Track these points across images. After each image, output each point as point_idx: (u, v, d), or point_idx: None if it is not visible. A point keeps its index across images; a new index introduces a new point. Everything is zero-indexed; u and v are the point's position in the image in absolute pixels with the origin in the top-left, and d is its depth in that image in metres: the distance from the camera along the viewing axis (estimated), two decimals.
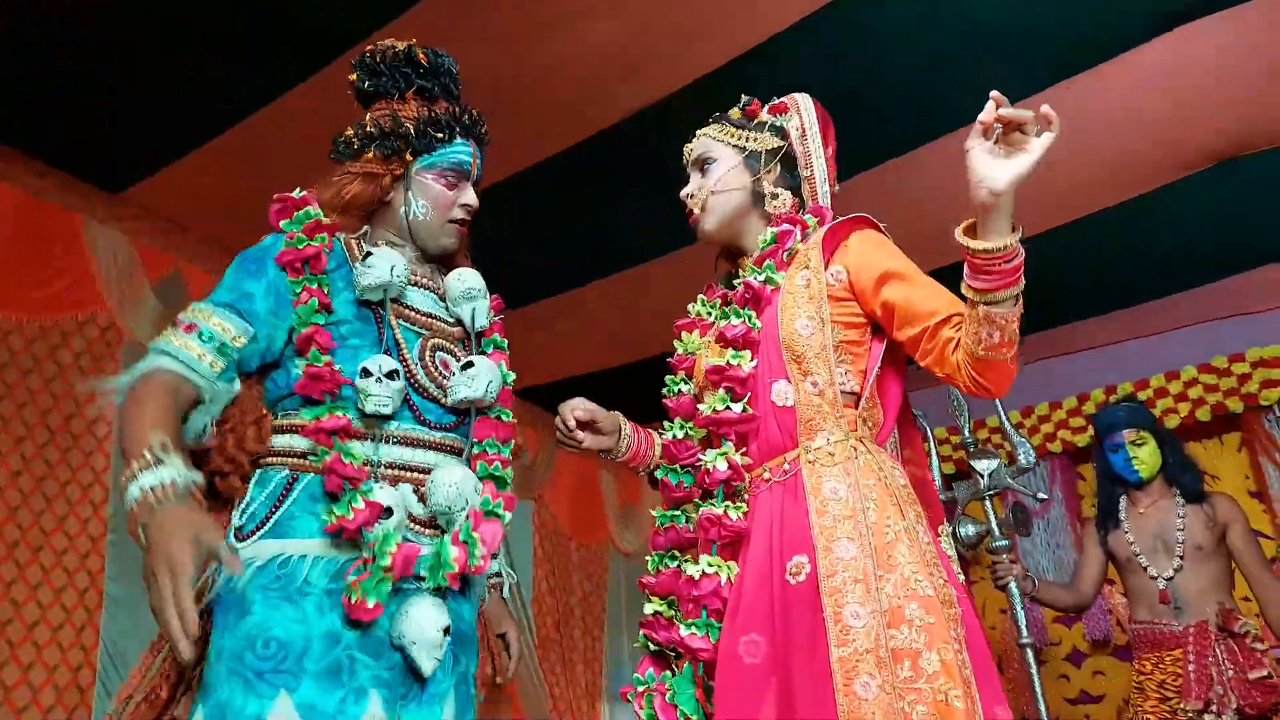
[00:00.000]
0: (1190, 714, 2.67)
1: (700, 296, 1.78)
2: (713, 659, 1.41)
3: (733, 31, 2.84)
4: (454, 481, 1.38)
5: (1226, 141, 3.34)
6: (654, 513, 1.61)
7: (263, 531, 1.33)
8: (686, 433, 1.58)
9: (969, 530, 2.78)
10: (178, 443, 1.25)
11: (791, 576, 1.38)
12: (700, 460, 1.52)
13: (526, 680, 4.49)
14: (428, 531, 1.40)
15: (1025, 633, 2.66)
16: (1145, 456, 2.91)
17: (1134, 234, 3.77)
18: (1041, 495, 2.85)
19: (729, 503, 1.47)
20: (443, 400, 1.47)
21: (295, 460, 1.38)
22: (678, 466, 1.58)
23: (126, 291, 3.50)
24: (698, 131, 1.77)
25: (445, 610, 1.35)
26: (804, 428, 1.48)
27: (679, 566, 1.53)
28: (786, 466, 1.48)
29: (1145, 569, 2.88)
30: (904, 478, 1.50)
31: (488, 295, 1.58)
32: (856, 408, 1.51)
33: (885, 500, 1.42)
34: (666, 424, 1.64)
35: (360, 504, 1.29)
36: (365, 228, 1.56)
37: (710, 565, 1.44)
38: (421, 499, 1.40)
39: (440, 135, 1.54)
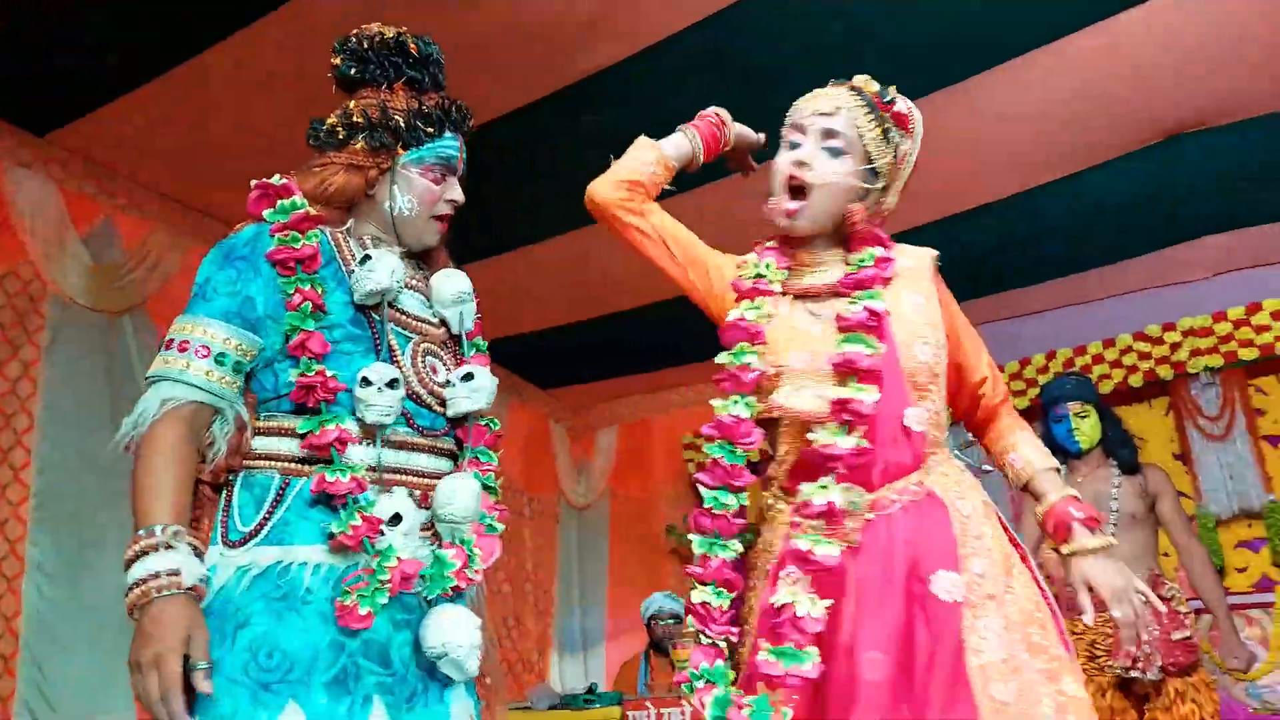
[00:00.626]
0: (1118, 670, 2.82)
1: (766, 262, 1.61)
2: (794, 688, 1.36)
3: None
4: (471, 492, 1.38)
5: (1169, 119, 3.42)
6: (705, 491, 1.49)
7: (259, 538, 1.29)
8: (749, 409, 1.48)
9: None
10: (187, 515, 1.24)
11: (945, 593, 1.38)
12: (803, 490, 1.44)
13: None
14: (422, 533, 1.38)
15: None
16: (1087, 429, 3.02)
17: (1079, 205, 3.85)
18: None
19: (820, 537, 1.40)
20: (436, 407, 1.44)
21: (285, 464, 1.33)
22: (734, 447, 1.48)
23: (52, 242, 3.33)
24: (837, 91, 1.58)
25: (473, 615, 1.34)
26: (930, 450, 1.51)
27: (726, 556, 1.47)
28: (914, 487, 1.47)
29: None
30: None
31: (474, 298, 1.55)
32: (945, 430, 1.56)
33: (992, 514, 1.50)
34: (722, 400, 1.51)
35: (358, 519, 1.27)
36: (349, 222, 1.50)
37: (795, 596, 1.38)
38: (419, 503, 1.38)
39: (430, 130, 1.48)
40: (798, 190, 1.54)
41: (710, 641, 1.47)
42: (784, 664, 1.34)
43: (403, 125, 1.46)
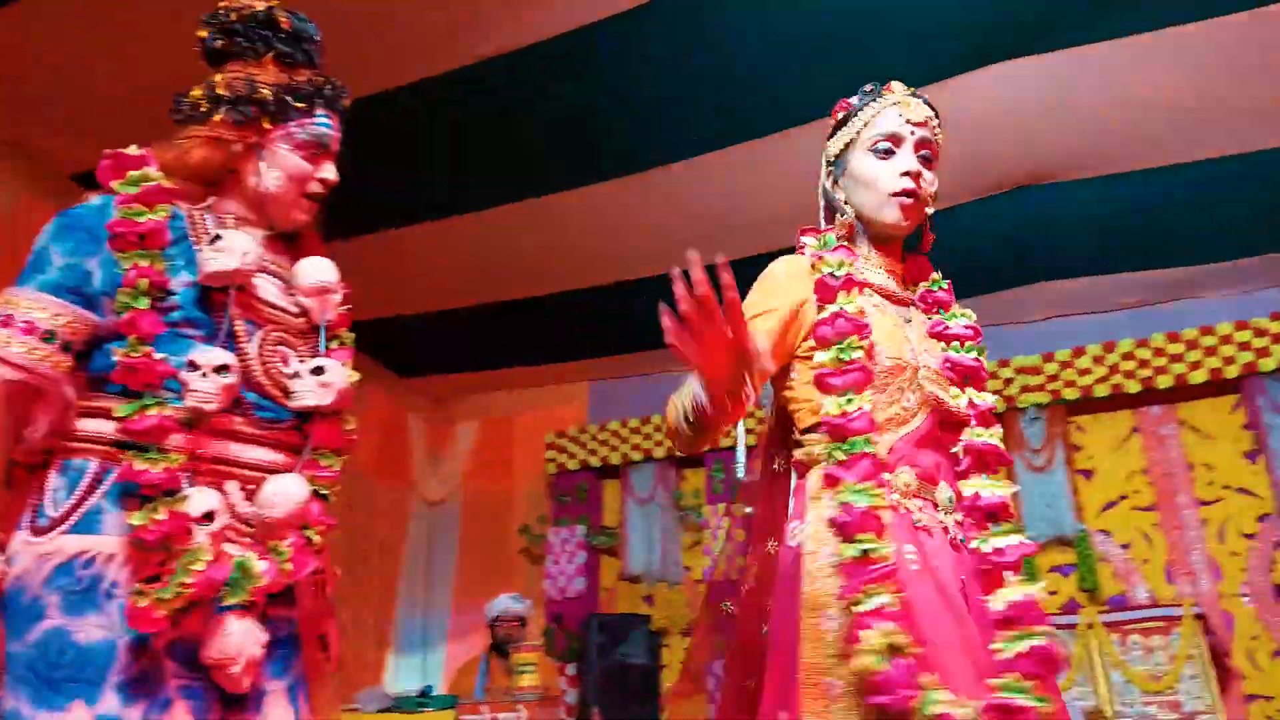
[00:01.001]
0: None
1: (838, 258, 1.55)
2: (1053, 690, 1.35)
3: None
4: (294, 498, 1.30)
5: (1016, 172, 3.70)
6: (845, 480, 1.40)
7: (65, 526, 1.20)
8: (860, 405, 1.45)
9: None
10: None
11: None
12: (970, 485, 1.49)
13: None
14: (247, 530, 1.30)
15: None
16: None
17: (938, 242, 4.09)
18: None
19: (1007, 524, 1.45)
20: (280, 399, 1.37)
21: (105, 449, 1.24)
22: (863, 439, 1.42)
23: None
24: (928, 111, 1.58)
25: (259, 629, 1.25)
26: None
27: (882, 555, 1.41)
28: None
29: None
30: None
31: (339, 288, 1.48)
32: None
33: None
34: (837, 399, 1.46)
35: (163, 514, 1.18)
36: (210, 199, 1.42)
37: (1019, 590, 1.38)
38: (248, 497, 1.30)
39: (300, 105, 1.42)
40: (909, 195, 1.54)
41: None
42: (1020, 647, 1.30)
43: (270, 99, 1.39)
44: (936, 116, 1.60)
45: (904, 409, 1.49)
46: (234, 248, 1.31)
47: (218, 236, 1.33)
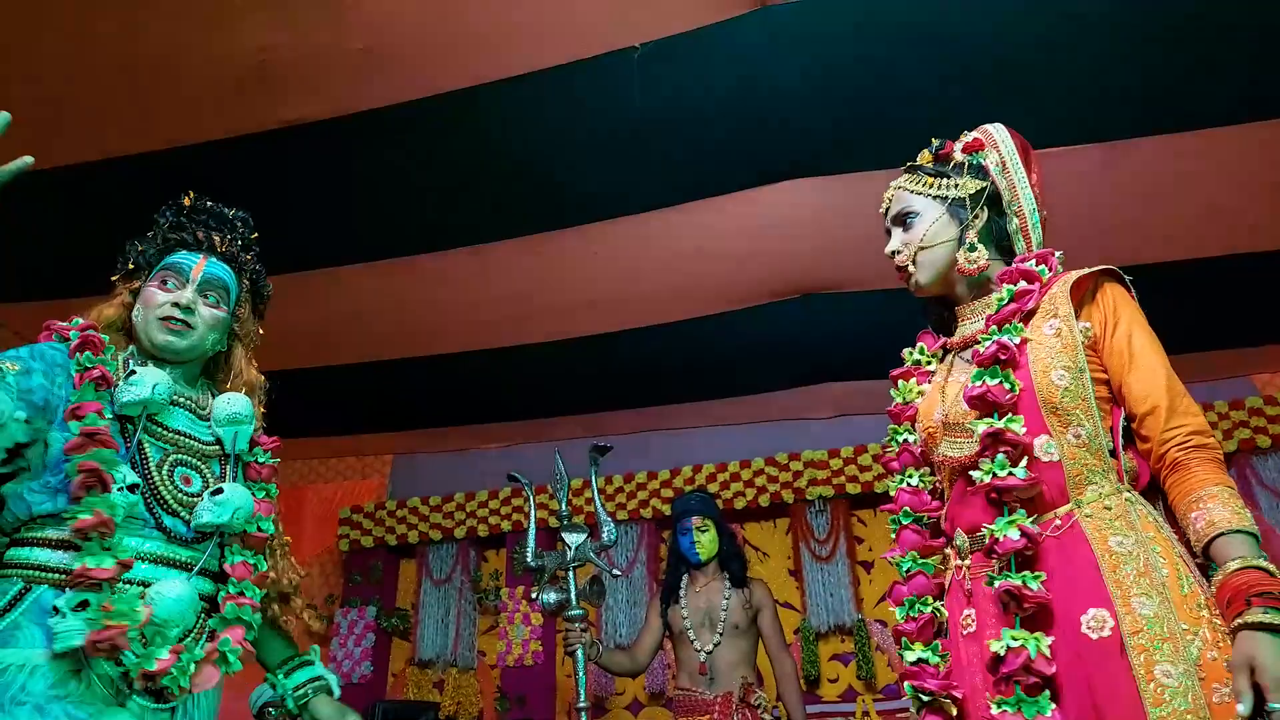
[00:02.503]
0: None
1: (919, 345, 1.76)
2: None
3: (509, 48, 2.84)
4: (178, 595, 1.47)
5: (810, 279, 3.98)
6: (893, 560, 1.60)
7: None
8: (921, 481, 1.63)
9: (551, 598, 2.94)
10: None
11: (1092, 631, 1.32)
12: (986, 529, 1.44)
13: None
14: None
15: (583, 698, 2.85)
16: (706, 542, 3.31)
17: (736, 340, 4.32)
18: (617, 571, 3.09)
19: (1026, 573, 1.38)
20: (185, 518, 1.56)
21: (30, 572, 1.42)
22: (924, 516, 1.60)
23: None
24: (892, 184, 1.72)
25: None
26: (1073, 482, 1.44)
27: (933, 612, 1.53)
28: (1058, 522, 1.43)
29: (692, 642, 3.25)
30: (1176, 529, 1.43)
31: (254, 421, 1.72)
32: (1119, 459, 1.46)
33: (1170, 553, 1.37)
34: (897, 478, 1.68)
35: (111, 563, 1.39)
36: (131, 346, 1.68)
37: (1015, 639, 1.34)
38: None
39: (162, 247, 1.71)
40: (911, 263, 1.66)
41: (933, 699, 1.47)
42: (1025, 714, 1.31)
43: (145, 252, 1.71)
44: (907, 174, 1.72)
45: (938, 475, 1.64)
46: (146, 379, 1.55)
47: (132, 371, 1.57)
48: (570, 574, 2.99)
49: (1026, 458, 1.44)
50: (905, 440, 1.69)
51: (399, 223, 3.60)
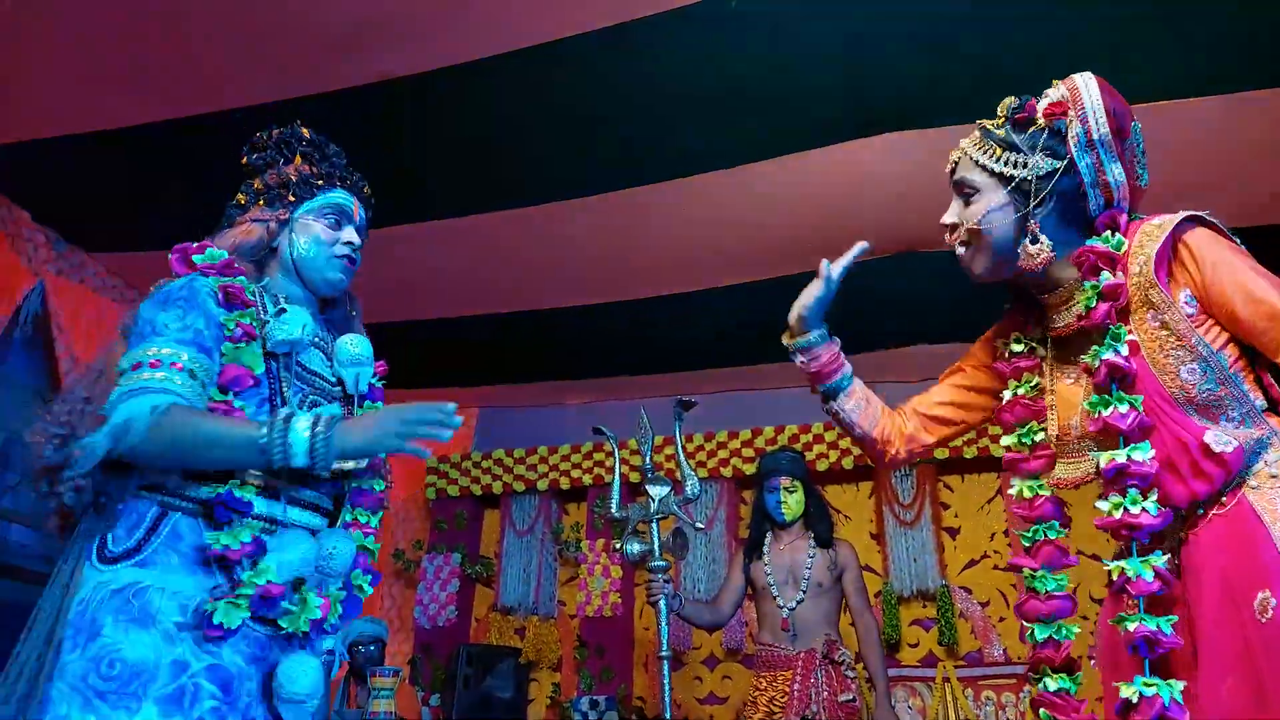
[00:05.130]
0: None
1: (1015, 335, 1.60)
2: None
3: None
4: (348, 553, 1.53)
5: (908, 235, 3.87)
6: (1025, 573, 1.52)
7: (127, 561, 1.37)
8: (1036, 492, 1.52)
9: (634, 548, 2.97)
10: None
11: (1260, 614, 1.24)
12: (1114, 565, 1.38)
13: None
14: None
15: (665, 647, 2.89)
16: (793, 503, 3.30)
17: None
18: (699, 524, 3.10)
19: (1161, 618, 1.31)
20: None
21: (166, 497, 1.43)
22: (1055, 524, 1.52)
23: None
24: (961, 142, 1.53)
25: (320, 669, 1.44)
26: (1246, 455, 1.33)
27: (1070, 639, 1.50)
28: (1224, 499, 1.33)
29: (775, 598, 3.25)
30: None
31: (373, 363, 1.71)
32: (1276, 415, 1.36)
33: None
34: (1020, 482, 1.57)
35: (248, 538, 1.40)
36: (265, 279, 1.66)
37: (1148, 686, 1.29)
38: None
39: (319, 183, 1.70)
40: (965, 245, 1.52)
41: None
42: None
43: (295, 180, 1.68)
44: (976, 135, 1.53)
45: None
46: (296, 318, 1.56)
47: (283, 310, 1.58)
48: (654, 526, 3.01)
49: (1155, 490, 1.34)
50: (1039, 440, 1.53)
51: (487, 178, 3.62)
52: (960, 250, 1.51)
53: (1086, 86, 1.43)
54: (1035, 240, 1.42)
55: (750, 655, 4.79)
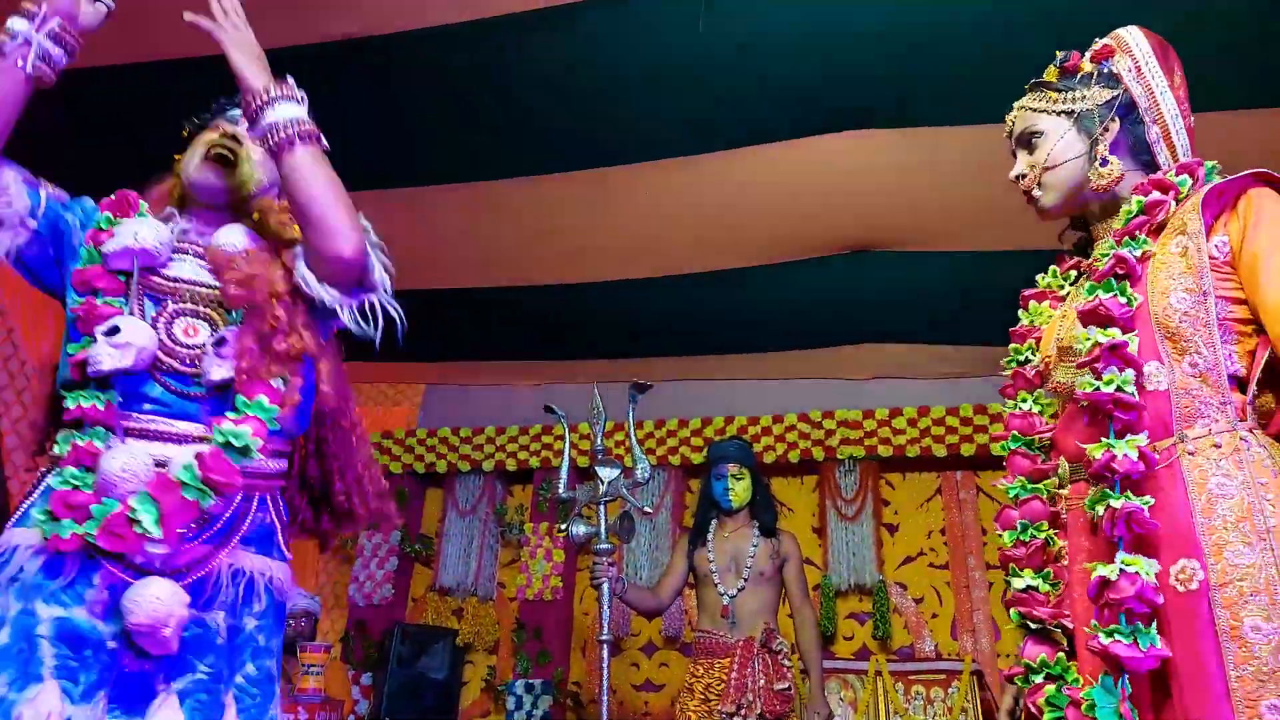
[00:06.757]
0: (724, 715, 3.07)
1: (1051, 268, 1.64)
2: (1144, 669, 1.23)
3: None
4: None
5: (863, 235, 3.90)
6: (1002, 484, 1.52)
7: (10, 522, 1.36)
8: (1037, 406, 1.55)
9: (580, 530, 2.95)
10: None
11: (1179, 584, 1.23)
12: (1095, 446, 1.31)
13: None
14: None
15: (605, 630, 2.88)
16: (740, 490, 3.30)
17: (774, 292, 4.27)
18: (647, 509, 3.10)
19: (1139, 496, 1.27)
20: (183, 369, 1.45)
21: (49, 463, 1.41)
22: (1033, 440, 1.53)
23: None
24: (1015, 104, 1.60)
25: (174, 593, 1.30)
26: (1180, 414, 1.30)
27: (1045, 540, 1.45)
28: (1156, 457, 1.29)
29: (717, 585, 3.26)
30: None
31: (242, 256, 1.57)
32: (1244, 393, 1.32)
33: None
34: (1011, 402, 1.59)
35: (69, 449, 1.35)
36: (171, 209, 1.59)
37: (1128, 564, 1.23)
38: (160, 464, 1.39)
39: (216, 106, 1.66)
40: (1036, 187, 1.56)
41: (1042, 629, 1.40)
42: (1140, 644, 1.21)
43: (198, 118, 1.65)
44: (1028, 91, 1.58)
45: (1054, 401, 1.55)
46: (125, 229, 1.46)
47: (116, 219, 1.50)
48: (601, 508, 3.00)
49: (1131, 372, 1.30)
50: (1022, 362, 1.59)
51: (450, 150, 3.55)
52: (1036, 192, 1.55)
53: (1129, 31, 1.53)
54: (1105, 162, 1.47)
55: (689, 643, 4.83)
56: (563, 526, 2.98)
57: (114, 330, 1.37)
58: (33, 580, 1.27)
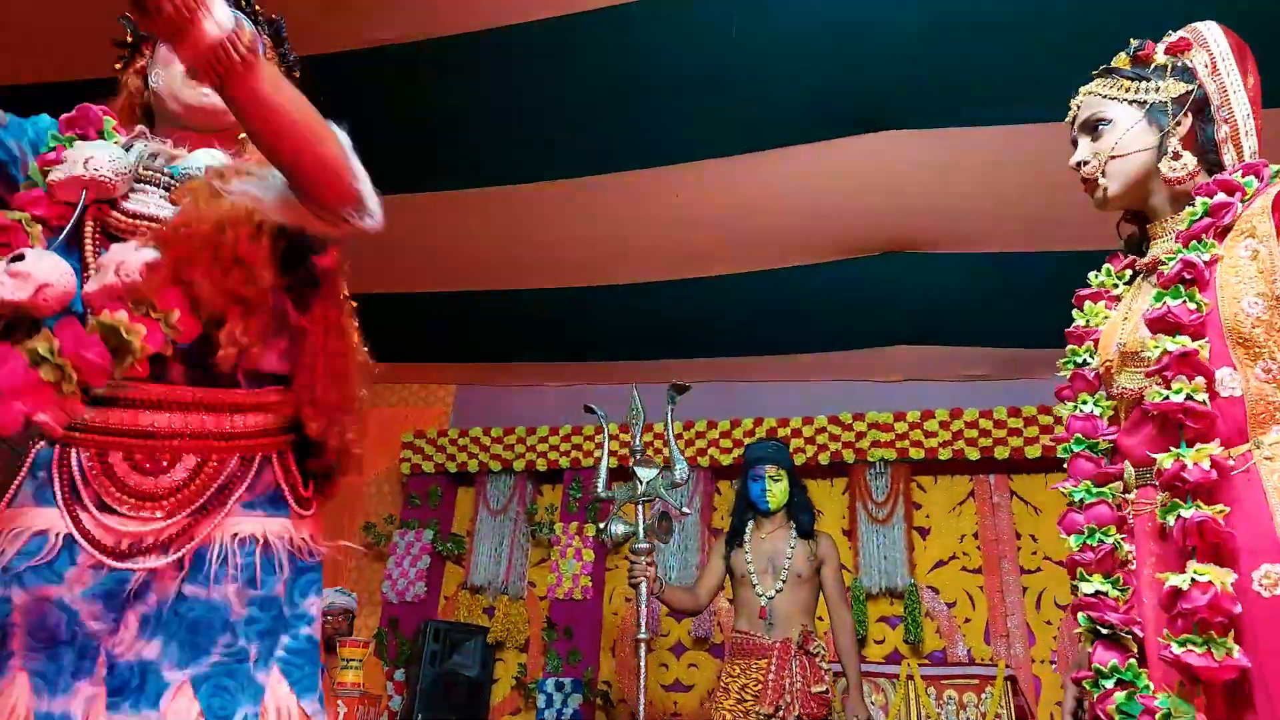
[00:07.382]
0: (761, 717, 3.07)
1: (1105, 266, 1.61)
2: (1221, 679, 1.21)
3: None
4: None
5: (896, 237, 3.89)
6: (1063, 489, 1.49)
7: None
8: (1098, 407, 1.51)
9: (618, 529, 2.97)
10: None
11: (1263, 589, 1.21)
12: (1165, 456, 1.30)
13: None
14: None
15: (644, 629, 2.90)
16: (778, 491, 3.30)
17: (806, 293, 4.27)
18: (686, 510, 3.10)
19: (1211, 505, 1.26)
20: None
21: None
22: (1098, 443, 1.49)
23: None
24: (1082, 89, 1.57)
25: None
26: (1254, 421, 1.29)
27: (1114, 545, 1.41)
28: (1232, 463, 1.29)
29: (754, 586, 3.26)
30: None
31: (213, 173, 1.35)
32: None
33: None
34: (1070, 404, 1.55)
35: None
36: (142, 128, 1.39)
37: (1200, 573, 1.22)
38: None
39: None
40: (1093, 181, 1.55)
41: (1112, 634, 1.37)
42: (1215, 654, 1.19)
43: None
44: (1098, 78, 1.56)
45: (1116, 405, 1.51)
46: (77, 152, 1.25)
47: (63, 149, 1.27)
48: (639, 508, 3.01)
49: (1208, 386, 1.29)
50: (1080, 364, 1.56)
51: (481, 154, 3.58)
52: (1101, 180, 1.52)
53: (1207, 27, 1.50)
54: (1179, 155, 1.44)
55: (718, 644, 4.83)
56: (600, 526, 2.99)
57: (19, 258, 1.15)
58: (5, 561, 1.13)
